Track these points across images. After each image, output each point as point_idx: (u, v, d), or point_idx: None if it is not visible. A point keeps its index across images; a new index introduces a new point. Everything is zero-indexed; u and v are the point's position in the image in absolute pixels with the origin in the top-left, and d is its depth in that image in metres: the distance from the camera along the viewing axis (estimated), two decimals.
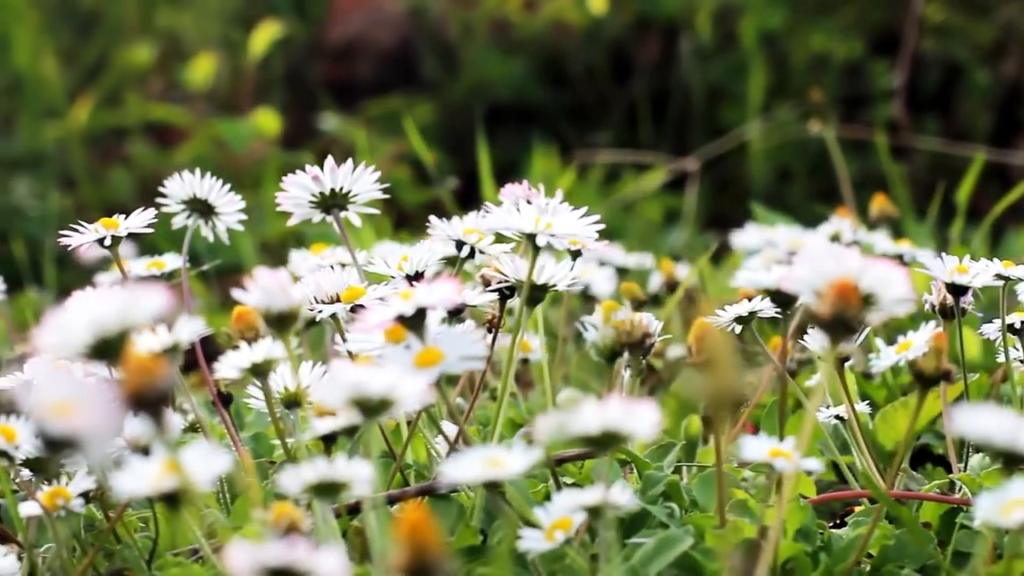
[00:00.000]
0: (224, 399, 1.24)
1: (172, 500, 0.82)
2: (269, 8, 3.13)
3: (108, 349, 0.76)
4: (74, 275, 2.29)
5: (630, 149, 2.70)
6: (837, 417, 1.22)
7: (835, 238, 1.66)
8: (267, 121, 2.56)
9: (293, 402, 1.10)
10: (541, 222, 1.10)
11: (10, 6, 2.85)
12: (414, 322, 0.99)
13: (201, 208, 1.30)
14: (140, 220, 1.20)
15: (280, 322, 0.96)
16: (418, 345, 0.99)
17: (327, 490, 0.90)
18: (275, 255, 2.41)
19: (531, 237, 1.10)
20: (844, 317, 0.85)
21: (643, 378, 1.26)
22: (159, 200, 1.29)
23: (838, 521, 1.22)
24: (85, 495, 1.06)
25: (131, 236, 1.24)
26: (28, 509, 1.06)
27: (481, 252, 1.24)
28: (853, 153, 2.60)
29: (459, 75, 3.10)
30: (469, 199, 2.36)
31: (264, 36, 2.62)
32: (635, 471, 1.17)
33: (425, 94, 3.12)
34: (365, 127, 2.89)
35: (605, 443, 0.85)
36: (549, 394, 1.29)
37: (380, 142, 2.79)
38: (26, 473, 1.09)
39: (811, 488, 1.16)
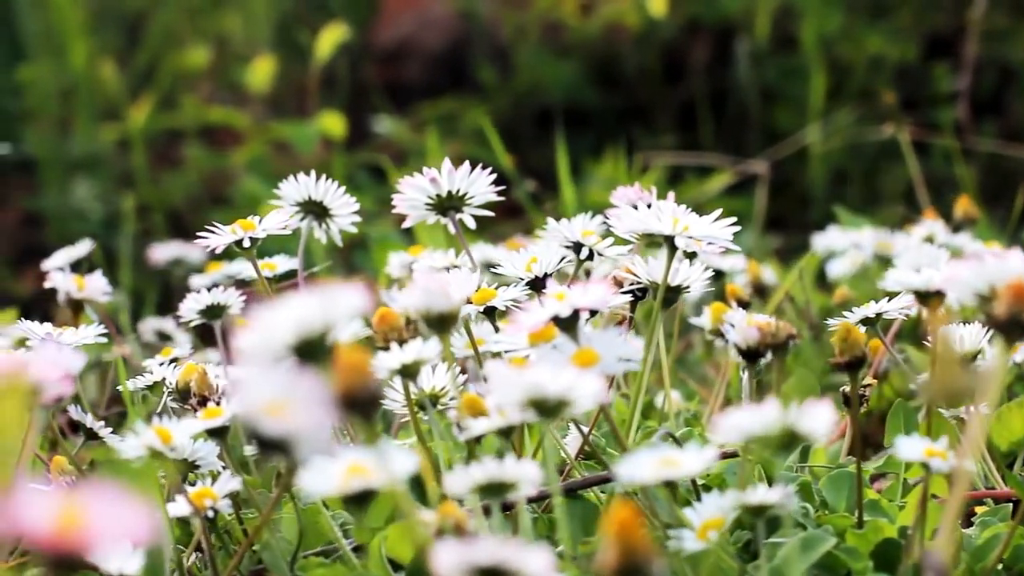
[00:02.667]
0: None
1: (360, 500, 0.83)
2: (319, 10, 3.14)
3: (310, 349, 0.77)
4: (145, 277, 2.30)
5: (688, 151, 2.71)
6: (956, 417, 1.23)
7: (928, 240, 1.67)
8: (332, 123, 2.57)
9: (436, 402, 1.11)
10: (679, 224, 1.11)
11: (62, 9, 2.86)
12: (567, 323, 1.00)
13: (316, 210, 1.30)
14: (276, 221, 1.20)
15: (441, 323, 0.97)
16: (571, 346, 0.99)
17: (495, 490, 0.91)
18: (342, 257, 2.42)
19: (669, 239, 1.11)
20: (1020, 318, 0.85)
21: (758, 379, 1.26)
22: (273, 202, 1.30)
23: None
24: (231, 496, 1.07)
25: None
26: (175, 509, 1.06)
27: (599, 254, 1.25)
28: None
29: (511, 77, 3.11)
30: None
31: (329, 39, 2.63)
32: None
33: (475, 96, 3.12)
34: (417, 129, 2.90)
35: (786, 444, 0.86)
36: (669, 397, 1.30)
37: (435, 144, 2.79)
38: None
39: (944, 488, 1.17)
